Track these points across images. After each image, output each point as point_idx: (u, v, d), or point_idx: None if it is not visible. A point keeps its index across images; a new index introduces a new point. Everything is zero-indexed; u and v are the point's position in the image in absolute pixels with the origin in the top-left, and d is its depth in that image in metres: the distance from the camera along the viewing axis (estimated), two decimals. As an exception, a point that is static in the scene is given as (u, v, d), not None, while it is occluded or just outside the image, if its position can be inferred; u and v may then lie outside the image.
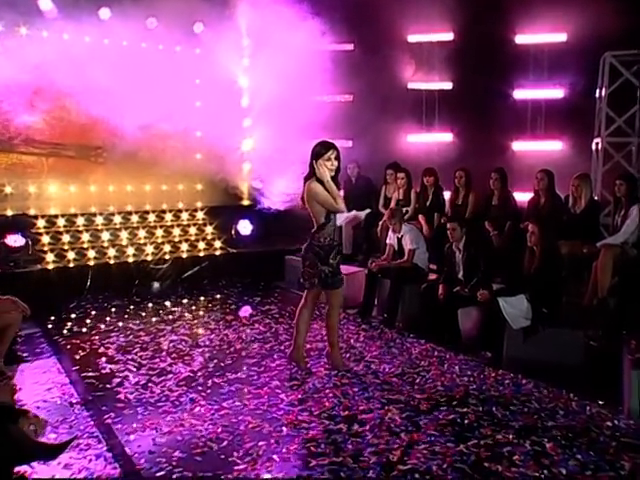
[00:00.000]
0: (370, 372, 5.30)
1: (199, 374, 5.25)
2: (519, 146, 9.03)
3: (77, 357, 5.63)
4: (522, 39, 8.99)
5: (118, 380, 5.09)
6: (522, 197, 7.69)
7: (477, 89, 9.17)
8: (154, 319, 6.79)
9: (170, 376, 5.19)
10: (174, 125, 9.30)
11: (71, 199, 8.94)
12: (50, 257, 7.77)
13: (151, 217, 8.91)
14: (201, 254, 8.70)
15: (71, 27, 9.05)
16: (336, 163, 5.04)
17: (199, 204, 9.55)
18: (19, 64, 8.53)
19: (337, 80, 9.60)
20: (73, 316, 6.84)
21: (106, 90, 8.75)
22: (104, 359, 5.56)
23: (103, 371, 5.30)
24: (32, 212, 8.21)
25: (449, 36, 9.70)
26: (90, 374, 5.22)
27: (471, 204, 7.63)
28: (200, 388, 4.96)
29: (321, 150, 5.04)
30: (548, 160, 8.02)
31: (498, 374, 5.27)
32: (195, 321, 6.70)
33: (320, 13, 9.38)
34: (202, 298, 7.74)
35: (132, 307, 7.21)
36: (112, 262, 8.06)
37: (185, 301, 7.60)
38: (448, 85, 9.84)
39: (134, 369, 5.34)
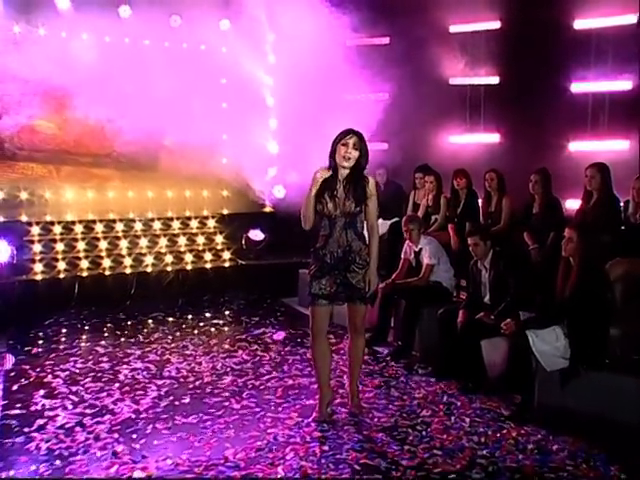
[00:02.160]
0: (353, 422, 4.01)
1: (142, 416, 4.12)
2: (577, 146, 7.43)
3: (14, 387, 4.62)
4: (582, 24, 7.39)
5: (43, 421, 4.03)
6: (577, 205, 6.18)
7: (528, 83, 7.67)
8: (129, 340, 5.73)
9: (107, 417, 4.09)
10: (199, 128, 8.29)
11: (88, 205, 8.17)
12: (39, 267, 6.87)
13: (156, 225, 7.90)
14: (207, 265, 7.61)
15: (90, 26, 8.27)
16: (354, 153, 3.87)
17: (226, 211, 8.50)
18: (37, 66, 7.81)
19: (371, 77, 8.40)
20: (41, 334, 5.87)
21: (127, 92, 7.93)
22: (43, 392, 4.52)
23: (33, 408, 4.26)
24: (24, 219, 7.38)
25: (496, 24, 8.22)
26: (15, 411, 4.20)
27: (505, 211, 6.18)
28: (134, 436, 3.83)
29: (337, 136, 3.95)
30: (612, 162, 6.45)
31: (521, 433, 3.86)
32: (172, 345, 5.58)
33: (352, 5, 8.24)
34: (190, 316, 6.63)
35: (111, 325, 6.18)
36: (107, 273, 7.09)
37: (172, 319, 6.52)
38: (495, 79, 8.34)
39: (70, 406, 4.27)
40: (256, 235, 7.82)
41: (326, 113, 8.21)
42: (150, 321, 6.33)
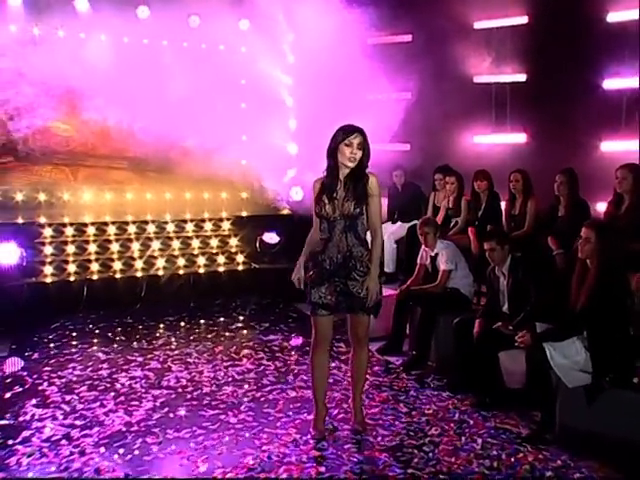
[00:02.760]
0: (355, 440, 3.69)
1: (133, 429, 3.87)
2: (610, 147, 6.92)
3: (7, 395, 4.42)
4: (616, 17, 6.89)
5: (29, 433, 3.81)
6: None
7: (557, 80, 7.21)
8: (133, 346, 5.50)
9: (96, 430, 3.85)
10: (218, 129, 8.08)
11: (105, 207, 8.04)
12: (49, 269, 6.71)
13: (170, 227, 7.67)
14: (221, 269, 7.35)
15: (108, 27, 8.14)
16: (359, 154, 3.55)
17: (244, 213, 8.24)
18: (55, 67, 7.70)
19: (393, 76, 8.08)
20: (45, 339, 5.68)
21: (145, 93, 7.78)
22: (35, 400, 4.30)
23: (22, 418, 4.04)
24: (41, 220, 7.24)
25: (523, 19, 7.76)
26: (3, 422, 3.99)
27: (530, 214, 5.77)
28: (122, 451, 3.58)
29: (339, 134, 3.61)
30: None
31: (539, 458, 3.50)
32: (176, 352, 5.33)
33: (373, 2, 7.96)
34: (199, 321, 6.35)
35: (117, 330, 5.96)
36: (118, 276, 6.89)
37: (179, 324, 6.25)
38: (522, 77, 7.89)
39: (60, 416, 4.05)
40: (271, 238, 7.54)
41: (346, 113, 7.83)
42: (157, 326, 6.09)
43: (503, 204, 6.28)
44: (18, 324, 5.92)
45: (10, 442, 3.68)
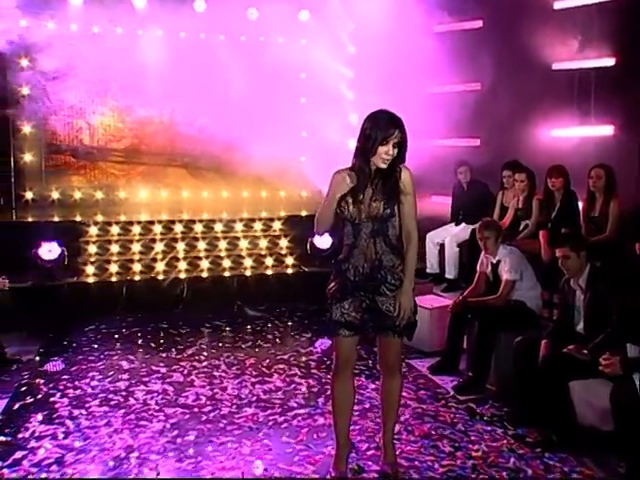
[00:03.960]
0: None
1: (133, 455, 3.38)
2: None
3: (16, 406, 4.03)
4: None
5: (21, 455, 3.39)
6: None
7: (650, 64, 6.24)
8: (160, 354, 5.04)
9: (92, 454, 3.38)
10: (277, 126, 7.59)
11: (161, 206, 7.79)
12: (91, 269, 6.40)
13: (217, 227, 7.19)
14: (268, 272, 6.81)
15: (165, 22, 7.84)
16: (393, 152, 2.91)
17: (304, 212, 7.68)
18: (112, 65, 7.50)
19: (461, 66, 7.38)
20: (74, 343, 5.32)
21: (202, 89, 7.45)
22: (41, 415, 3.90)
23: (21, 434, 3.63)
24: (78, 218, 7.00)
25: (611, -5, 6.82)
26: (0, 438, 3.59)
27: (613, 216, 4.85)
28: (112, 484, 3.08)
29: (375, 132, 2.92)
30: None
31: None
32: (203, 363, 4.81)
33: (440, -15, 7.24)
34: (240, 329, 5.77)
35: (149, 335, 5.52)
36: (161, 277, 6.48)
37: (215, 332, 5.72)
38: (609, 61, 6.86)
39: (61, 435, 3.61)
40: (322, 241, 6.91)
41: (411, 107, 7.18)
42: (191, 333, 5.61)
43: (581, 204, 5.39)
44: (53, 326, 5.64)
45: (-1, 464, 3.29)
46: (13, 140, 7.77)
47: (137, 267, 6.50)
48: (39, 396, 4.18)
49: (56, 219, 6.98)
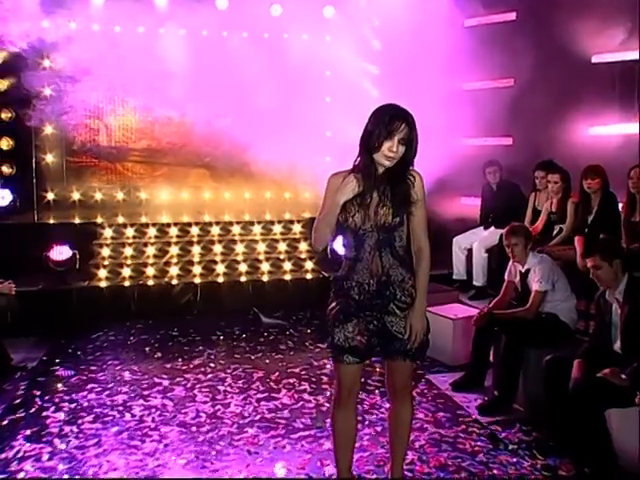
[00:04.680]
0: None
1: (118, 482, 3.05)
2: None
3: (5, 422, 3.76)
4: None
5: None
6: None
7: None
8: (165, 365, 4.73)
9: (75, 480, 3.07)
10: (300, 125, 7.25)
11: (182, 207, 7.51)
12: (103, 273, 6.15)
13: (235, 229, 6.88)
14: (287, 277, 6.45)
15: (187, 21, 7.60)
16: (400, 150, 2.52)
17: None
18: (133, 65, 7.27)
19: (493, 61, 6.92)
20: (79, 351, 5.05)
21: (224, 88, 7.19)
22: (30, 431, 3.62)
23: (4, 454, 3.35)
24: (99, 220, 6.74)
25: (659, -20, 6.25)
26: (-18, 459, 3.33)
27: (656, 221, 4.37)
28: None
29: (380, 126, 2.55)
30: None
31: None
32: (208, 376, 4.48)
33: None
34: (252, 337, 5.42)
35: (157, 344, 5.23)
36: (175, 282, 6.18)
37: (226, 341, 5.37)
38: (655, 53, 6.35)
39: (45, 457, 3.31)
40: (339, 246, 6.49)
41: (440, 105, 6.83)
42: (201, 341, 5.28)
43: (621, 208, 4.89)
44: (60, 331, 5.41)
45: (-28, 489, 3.02)
46: (35, 141, 7.68)
47: (150, 271, 6.22)
48: (32, 410, 3.91)
49: (69, 221, 6.75)
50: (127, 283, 6.10)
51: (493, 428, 3.68)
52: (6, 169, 7.38)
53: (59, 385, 4.34)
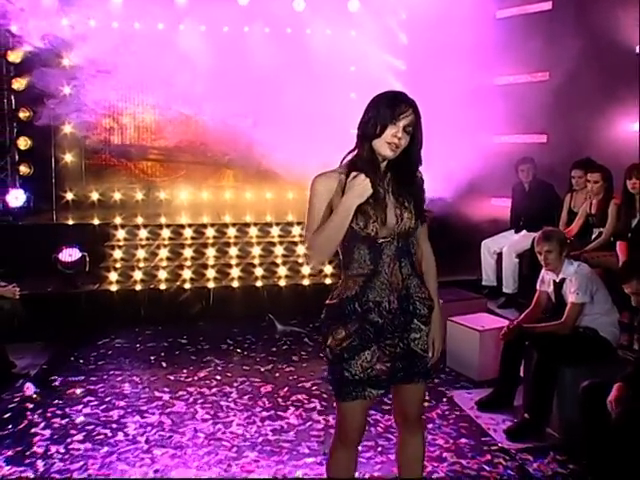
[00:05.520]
0: None
1: (97, 514, 2.72)
2: None
3: (-13, 440, 3.49)
4: None
5: (-28, 504, 2.81)
6: None
7: None
8: (169, 376, 4.38)
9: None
10: (325, 123, 6.88)
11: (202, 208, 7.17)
12: (114, 276, 5.85)
13: (252, 231, 6.48)
14: (305, 282, 6.06)
15: (208, 17, 7.32)
16: (404, 139, 2.14)
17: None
18: (153, 61, 7.01)
19: (527, 54, 6.49)
20: (81, 359, 4.74)
21: (245, 85, 6.88)
22: (13, 451, 3.30)
23: (-20, 477, 3.06)
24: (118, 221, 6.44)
25: None
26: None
27: None
28: None
29: (380, 106, 2.18)
30: None
31: None
32: (213, 389, 4.11)
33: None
34: (264, 347, 5.02)
35: (164, 353, 4.88)
36: (187, 286, 5.85)
37: (238, 350, 4.99)
38: None
39: (25, 481, 3.01)
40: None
41: (470, 101, 6.41)
42: (210, 350, 4.92)
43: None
44: (66, 337, 5.14)
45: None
46: (54, 140, 7.49)
47: (163, 274, 5.90)
48: (21, 425, 3.60)
49: (83, 221, 6.48)
50: (138, 287, 5.80)
51: (523, 457, 3.24)
52: (24, 169, 7.21)
53: (54, 398, 4.02)
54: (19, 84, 7.08)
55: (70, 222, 6.52)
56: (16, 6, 6.77)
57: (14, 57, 7.06)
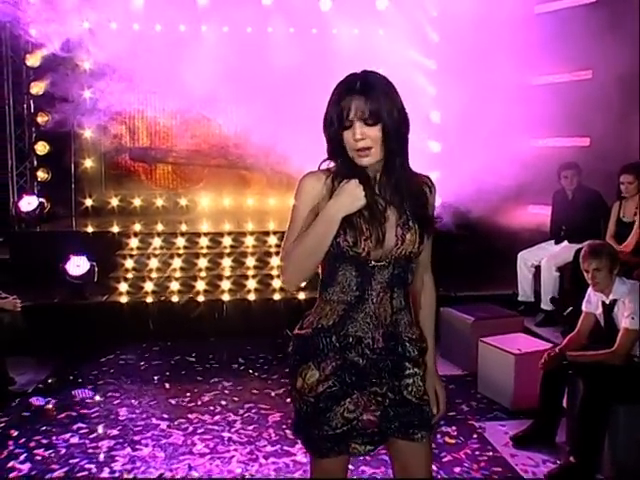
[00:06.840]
0: None
1: None
2: None
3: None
4: None
5: None
6: None
7: None
8: (170, 400, 3.95)
9: None
10: None
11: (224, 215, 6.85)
12: (124, 287, 5.47)
13: (271, 240, 6.00)
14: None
15: (231, 18, 6.99)
16: (368, 132, 1.70)
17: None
18: (173, 65, 6.69)
19: (568, 52, 5.98)
20: (80, 378, 4.33)
21: (269, 87, 6.51)
22: (-15, 488, 2.93)
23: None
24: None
25: None
26: None
27: None
28: None
29: (330, 105, 1.78)
30: None
31: None
32: (215, 417, 3.64)
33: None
34: (276, 369, 4.51)
35: (169, 372, 4.44)
36: (201, 299, 5.44)
37: (250, 371, 4.52)
38: None
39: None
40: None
41: (507, 103, 5.91)
42: (218, 371, 4.47)
43: None
44: (70, 351, 4.78)
45: None
46: (73, 145, 7.23)
47: (175, 286, 5.49)
48: (1, 456, 3.24)
49: (95, 229, 6.10)
50: (149, 299, 5.40)
51: (567, 512, 2.72)
52: (42, 174, 6.96)
53: (43, 424, 3.63)
54: (38, 88, 6.83)
55: (89, 229, 6.18)
56: (34, 9, 6.57)
57: (33, 61, 6.83)
